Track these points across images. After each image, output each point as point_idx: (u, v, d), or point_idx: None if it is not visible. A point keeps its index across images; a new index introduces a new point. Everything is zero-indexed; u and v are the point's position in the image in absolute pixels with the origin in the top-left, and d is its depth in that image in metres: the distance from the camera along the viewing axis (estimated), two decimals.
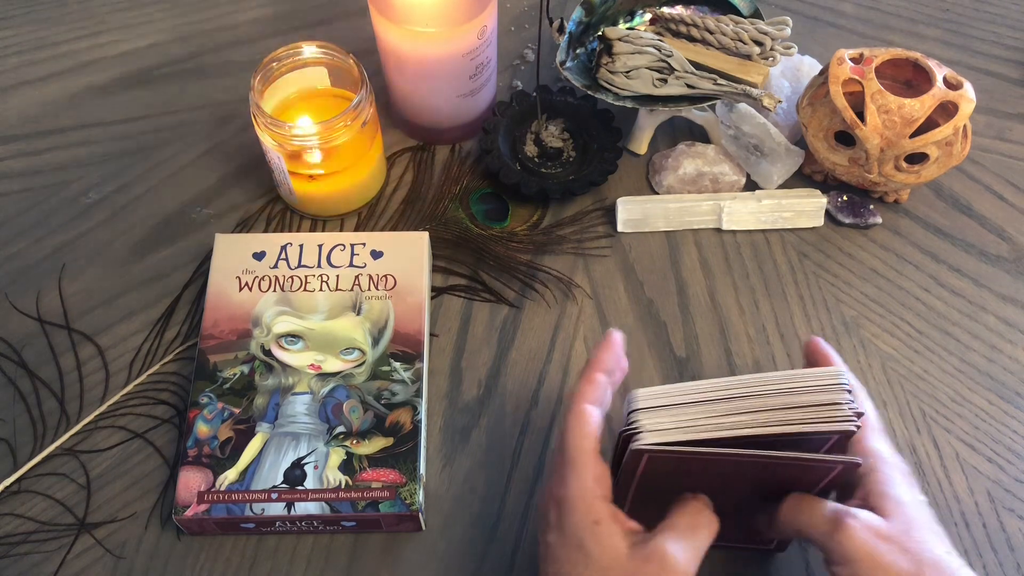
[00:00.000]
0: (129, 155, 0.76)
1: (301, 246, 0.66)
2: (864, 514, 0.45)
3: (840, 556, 0.44)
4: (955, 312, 0.68)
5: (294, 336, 0.62)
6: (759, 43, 0.70)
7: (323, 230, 0.72)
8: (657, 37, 0.71)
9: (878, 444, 0.49)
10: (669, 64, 0.69)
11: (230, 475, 0.56)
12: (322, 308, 0.63)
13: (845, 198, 0.72)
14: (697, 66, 0.70)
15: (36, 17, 0.86)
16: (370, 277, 0.65)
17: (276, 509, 0.55)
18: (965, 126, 0.67)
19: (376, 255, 0.66)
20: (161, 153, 0.76)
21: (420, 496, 0.56)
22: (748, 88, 0.68)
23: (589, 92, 0.70)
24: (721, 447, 0.44)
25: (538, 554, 0.47)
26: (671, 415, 0.45)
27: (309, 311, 0.63)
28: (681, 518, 0.45)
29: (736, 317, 0.67)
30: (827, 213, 0.72)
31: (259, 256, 0.65)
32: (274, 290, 0.64)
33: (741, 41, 0.70)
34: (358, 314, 0.63)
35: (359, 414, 0.59)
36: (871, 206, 0.72)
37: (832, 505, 0.46)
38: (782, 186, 0.73)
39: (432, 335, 0.66)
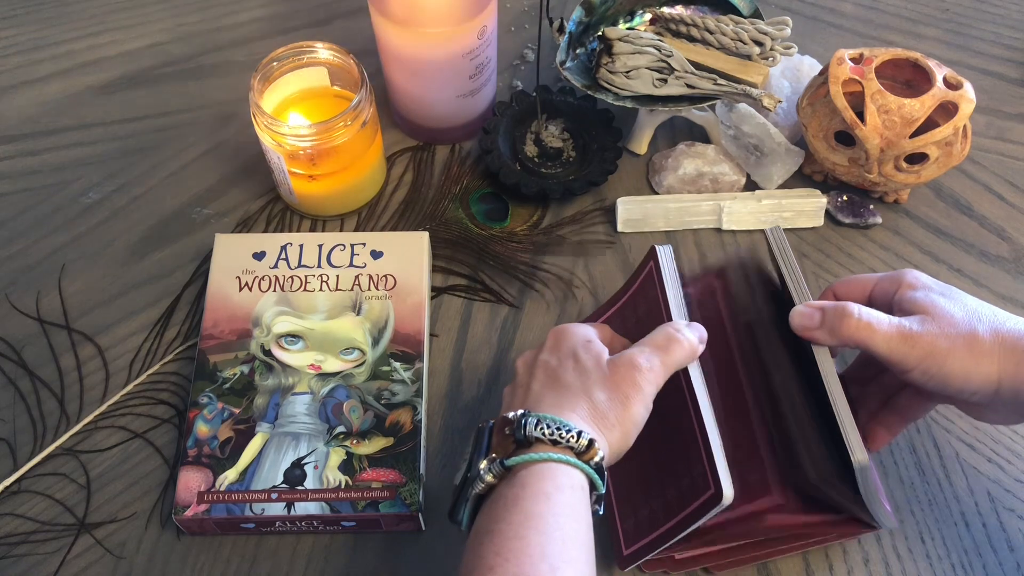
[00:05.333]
0: (129, 155, 0.76)
1: (301, 246, 0.66)
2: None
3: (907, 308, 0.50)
4: None
5: (294, 336, 0.62)
6: (759, 43, 0.70)
7: (323, 230, 0.72)
8: (657, 37, 0.71)
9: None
10: (669, 64, 0.69)
11: (230, 475, 0.56)
12: (322, 308, 0.63)
13: (845, 198, 0.72)
14: (697, 66, 0.70)
15: (36, 17, 0.86)
16: (370, 277, 0.65)
17: (276, 509, 0.55)
18: (965, 126, 0.67)
19: (376, 255, 0.66)
20: (161, 153, 0.76)
21: (420, 496, 0.56)
22: (748, 88, 0.68)
23: (589, 92, 0.70)
24: None
25: (515, 381, 0.52)
26: None
27: (309, 311, 0.63)
28: (657, 336, 0.51)
29: None
30: (827, 213, 0.72)
31: (259, 256, 0.65)
32: (274, 290, 0.64)
33: (741, 41, 0.70)
34: (358, 314, 0.63)
35: (359, 414, 0.59)
36: (871, 206, 0.72)
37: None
38: (782, 186, 0.73)
39: (432, 335, 0.66)
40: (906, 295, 0.51)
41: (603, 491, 0.47)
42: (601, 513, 0.47)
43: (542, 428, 0.45)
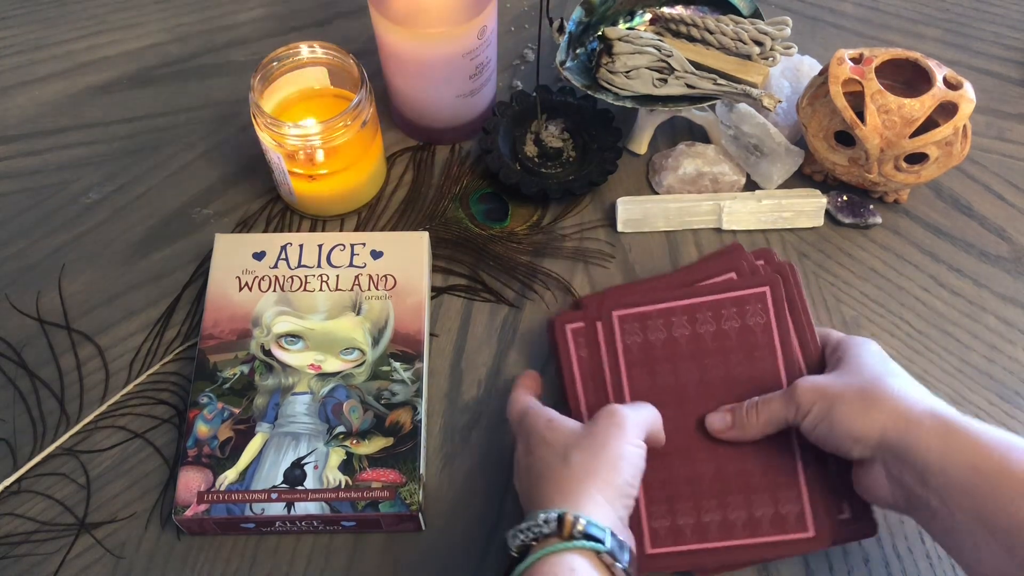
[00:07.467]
0: (129, 155, 0.76)
1: (301, 246, 0.66)
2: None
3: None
4: (955, 312, 0.68)
5: (294, 336, 0.62)
6: (759, 43, 0.70)
7: (323, 230, 0.72)
8: (657, 37, 0.71)
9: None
10: (669, 64, 0.69)
11: (230, 475, 0.56)
12: (322, 308, 0.63)
13: (845, 198, 0.72)
14: (697, 66, 0.70)
15: (36, 17, 0.86)
16: (370, 277, 0.65)
17: (276, 509, 0.55)
18: (965, 126, 0.67)
19: (376, 255, 0.66)
20: (161, 153, 0.76)
21: (420, 496, 0.56)
22: (748, 88, 0.68)
23: (589, 92, 0.70)
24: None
25: (517, 488, 0.53)
26: None
27: (309, 311, 0.63)
28: (627, 402, 0.55)
29: None
30: (827, 213, 0.72)
31: (259, 256, 0.66)
32: (274, 290, 0.64)
33: (741, 41, 0.70)
34: (358, 314, 0.63)
35: (359, 414, 0.59)
36: (871, 206, 0.72)
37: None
38: (782, 186, 0.73)
39: (432, 335, 0.66)
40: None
41: (608, 548, 0.45)
42: (625, 566, 0.46)
43: (516, 538, 0.46)
